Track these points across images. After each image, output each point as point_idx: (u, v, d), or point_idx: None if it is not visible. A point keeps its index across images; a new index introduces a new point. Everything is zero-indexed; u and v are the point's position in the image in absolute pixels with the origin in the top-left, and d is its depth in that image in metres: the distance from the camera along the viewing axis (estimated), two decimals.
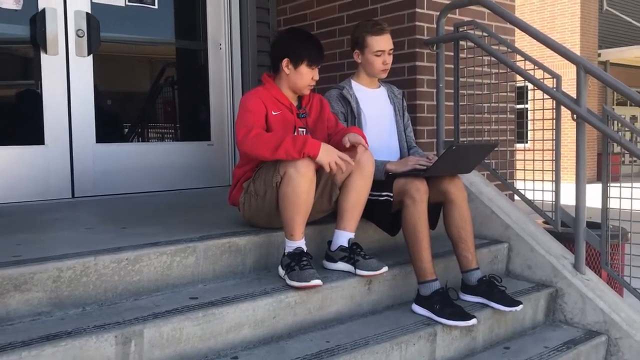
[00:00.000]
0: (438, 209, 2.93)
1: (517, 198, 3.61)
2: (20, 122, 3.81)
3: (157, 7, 4.28)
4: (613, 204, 3.03)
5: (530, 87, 3.28)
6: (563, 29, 15.83)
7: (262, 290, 2.41)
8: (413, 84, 3.78)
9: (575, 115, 3.03)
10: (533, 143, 3.62)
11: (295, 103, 2.86)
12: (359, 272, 2.60)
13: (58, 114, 3.81)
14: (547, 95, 3.18)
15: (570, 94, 3.11)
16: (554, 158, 3.22)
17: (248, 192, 2.72)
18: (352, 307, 2.62)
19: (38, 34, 3.72)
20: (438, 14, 3.70)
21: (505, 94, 4.02)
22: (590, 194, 3.34)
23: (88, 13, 3.88)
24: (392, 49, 3.13)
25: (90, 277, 2.20)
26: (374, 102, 3.20)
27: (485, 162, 3.42)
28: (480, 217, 3.44)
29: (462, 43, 3.65)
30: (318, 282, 2.41)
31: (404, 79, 3.80)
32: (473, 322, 2.54)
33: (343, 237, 2.69)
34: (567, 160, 5.78)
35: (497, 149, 3.57)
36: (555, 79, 3.19)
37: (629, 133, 3.30)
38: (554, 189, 3.21)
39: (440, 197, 2.85)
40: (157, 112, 4.62)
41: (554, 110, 3.20)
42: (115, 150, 4.09)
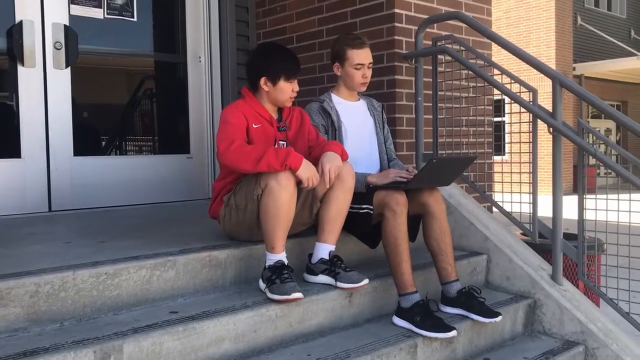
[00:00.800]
0: (418, 221, 2.95)
1: (495, 210, 3.65)
2: None
3: (136, 19, 4.27)
4: (589, 216, 3.08)
5: (507, 100, 3.33)
6: (539, 43, 16.11)
7: (243, 304, 2.39)
8: (392, 97, 3.82)
9: (552, 129, 3.08)
10: (510, 155, 3.67)
11: (276, 116, 2.87)
12: (340, 284, 2.60)
13: (35, 127, 3.77)
14: (523, 109, 3.23)
15: (547, 107, 3.17)
16: (531, 170, 3.26)
17: (229, 205, 2.71)
18: (333, 319, 2.62)
19: (15, 46, 3.69)
20: (417, 28, 3.75)
21: (483, 107, 4.07)
22: (567, 206, 3.40)
23: (66, 25, 3.86)
24: (371, 63, 3.16)
25: (69, 292, 2.17)
26: (354, 114, 3.22)
27: (464, 174, 3.45)
28: (460, 229, 3.47)
29: (440, 57, 3.69)
30: (299, 295, 2.40)
31: (383, 92, 3.83)
32: (453, 333, 2.55)
33: (324, 249, 2.69)
34: (544, 173, 5.86)
35: (475, 162, 3.61)
36: (532, 93, 3.24)
37: (604, 145, 3.35)
38: (532, 201, 3.25)
39: (420, 209, 2.87)
40: (135, 125, 4.59)
41: (531, 123, 3.24)
42: (93, 164, 4.06)
